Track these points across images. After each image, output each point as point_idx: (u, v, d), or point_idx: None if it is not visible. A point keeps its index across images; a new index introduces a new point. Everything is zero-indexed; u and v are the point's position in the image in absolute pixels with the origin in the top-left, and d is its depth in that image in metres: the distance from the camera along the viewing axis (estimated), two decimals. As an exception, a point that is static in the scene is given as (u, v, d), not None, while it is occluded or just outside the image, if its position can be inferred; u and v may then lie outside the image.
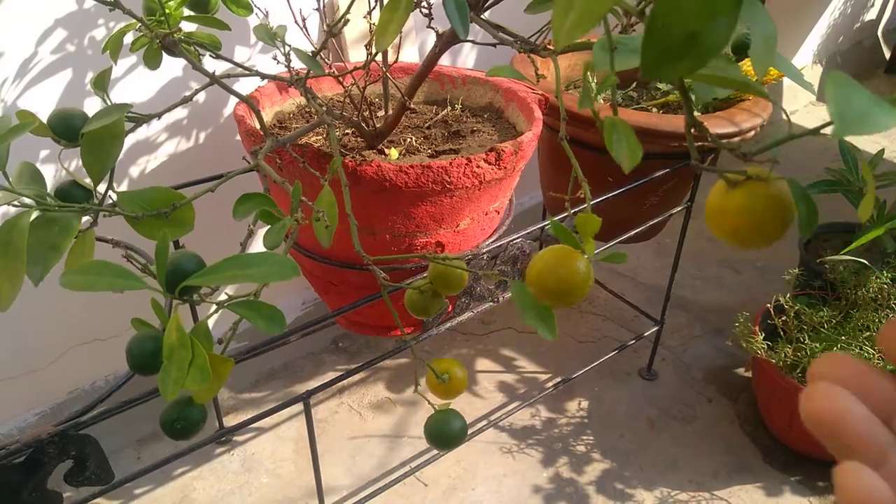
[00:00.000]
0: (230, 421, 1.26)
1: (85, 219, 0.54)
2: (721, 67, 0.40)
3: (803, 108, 2.48)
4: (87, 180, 0.53)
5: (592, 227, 0.45)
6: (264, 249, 0.52)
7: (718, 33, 0.33)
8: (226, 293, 0.50)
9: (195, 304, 0.49)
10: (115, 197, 0.52)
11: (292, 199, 0.51)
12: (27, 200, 0.51)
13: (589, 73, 0.57)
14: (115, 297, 1.13)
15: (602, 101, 1.24)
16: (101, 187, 0.55)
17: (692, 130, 0.44)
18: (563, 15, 0.33)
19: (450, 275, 0.60)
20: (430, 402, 0.65)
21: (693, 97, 0.48)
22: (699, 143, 1.08)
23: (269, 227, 0.52)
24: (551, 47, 0.55)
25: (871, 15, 2.66)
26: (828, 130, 0.35)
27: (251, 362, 1.35)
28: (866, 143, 2.20)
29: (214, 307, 0.49)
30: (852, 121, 0.33)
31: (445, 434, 0.64)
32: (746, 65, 1.13)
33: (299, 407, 1.31)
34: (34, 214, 0.51)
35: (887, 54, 2.79)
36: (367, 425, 1.27)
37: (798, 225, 0.38)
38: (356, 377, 1.36)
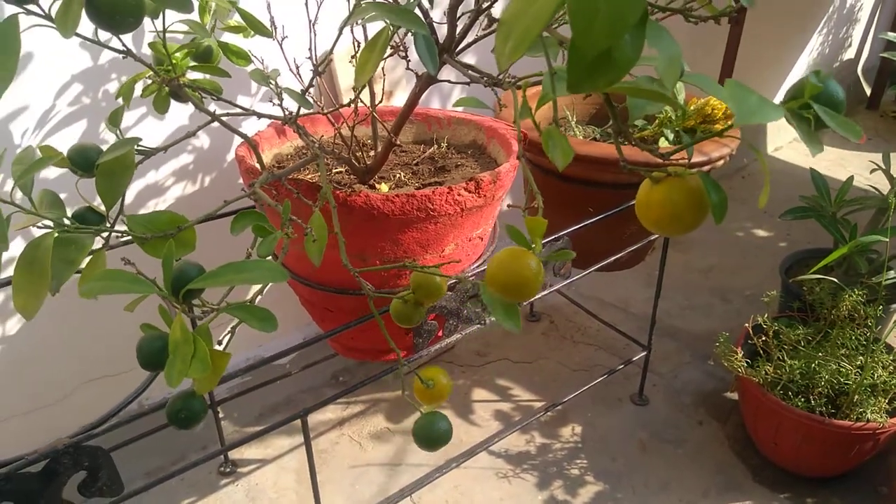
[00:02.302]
0: (236, 452, 1.31)
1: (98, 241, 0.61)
2: (645, 81, 0.48)
3: (788, 144, 2.56)
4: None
5: (540, 229, 0.51)
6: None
7: (627, 49, 0.40)
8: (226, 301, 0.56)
9: (197, 310, 0.55)
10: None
11: (283, 216, 0.57)
12: (48, 223, 0.58)
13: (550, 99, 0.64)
14: (125, 334, 1.20)
15: (579, 134, 1.32)
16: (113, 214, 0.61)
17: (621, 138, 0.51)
18: (503, 42, 0.40)
19: (429, 283, 0.65)
20: (417, 408, 0.70)
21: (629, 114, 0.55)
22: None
23: (259, 244, 0.59)
24: (510, 79, 0.62)
25: (850, 54, 2.77)
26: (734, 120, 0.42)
27: (254, 397, 1.40)
28: (839, 172, 2.28)
29: (214, 312, 0.55)
30: (748, 112, 0.40)
31: (432, 434, 0.68)
32: (712, 101, 1.21)
33: (301, 438, 1.36)
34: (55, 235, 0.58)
35: (868, 91, 2.89)
36: (366, 454, 1.31)
37: (711, 212, 0.45)
38: (356, 408, 1.41)
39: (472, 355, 1.56)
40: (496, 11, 0.69)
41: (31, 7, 0.54)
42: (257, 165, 0.93)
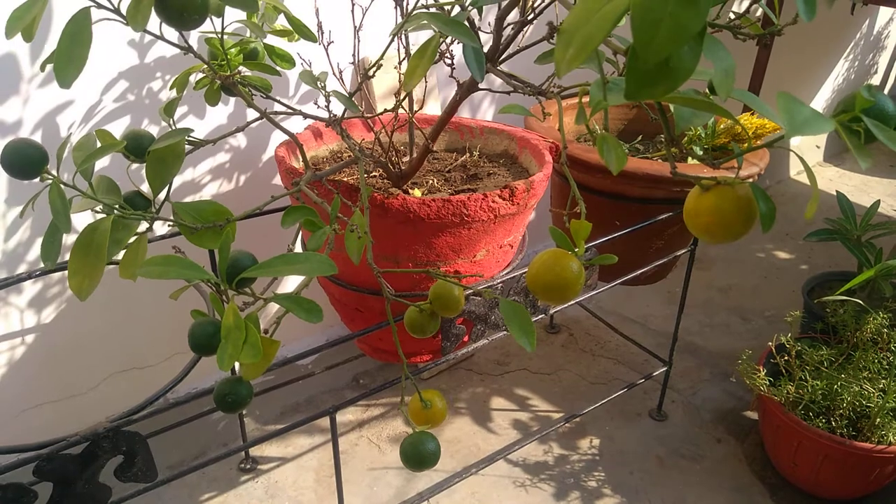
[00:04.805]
0: (257, 449, 1.32)
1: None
2: (692, 94, 0.49)
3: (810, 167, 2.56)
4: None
5: (584, 232, 0.52)
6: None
7: (686, 59, 0.41)
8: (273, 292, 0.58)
9: (238, 301, 0.57)
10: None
11: (331, 213, 0.59)
12: (100, 208, 0.60)
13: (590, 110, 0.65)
14: (153, 328, 1.22)
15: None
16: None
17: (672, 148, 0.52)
18: (564, 49, 0.42)
19: (448, 297, 0.66)
20: (410, 426, 0.67)
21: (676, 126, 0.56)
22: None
23: (308, 238, 0.60)
24: (554, 89, 0.64)
25: (875, 81, 2.77)
26: (781, 131, 0.43)
27: (277, 396, 1.41)
28: (864, 198, 2.27)
29: (261, 301, 0.57)
30: (800, 125, 0.41)
31: (419, 454, 0.65)
32: (745, 118, 1.22)
33: (321, 438, 1.38)
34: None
35: (893, 119, 2.88)
36: (385, 457, 1.33)
37: (760, 221, 0.46)
38: (376, 411, 1.42)
39: (491, 364, 1.57)
40: (543, 22, 0.71)
41: (102, 1, 0.56)
42: (295, 165, 0.95)
